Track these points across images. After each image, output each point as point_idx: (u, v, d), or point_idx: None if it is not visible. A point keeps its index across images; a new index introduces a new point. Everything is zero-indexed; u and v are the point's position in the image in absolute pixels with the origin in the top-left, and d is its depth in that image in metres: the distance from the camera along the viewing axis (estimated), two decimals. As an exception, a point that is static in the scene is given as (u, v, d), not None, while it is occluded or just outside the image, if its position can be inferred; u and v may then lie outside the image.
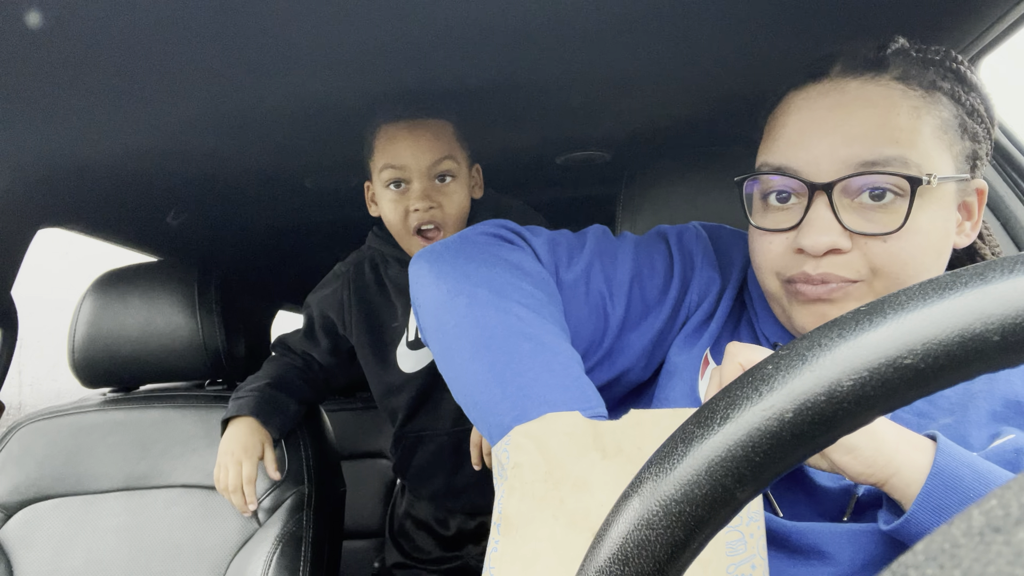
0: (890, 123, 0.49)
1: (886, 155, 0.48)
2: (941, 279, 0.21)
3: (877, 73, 0.51)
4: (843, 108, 0.50)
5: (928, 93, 0.50)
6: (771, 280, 0.55)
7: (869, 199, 0.49)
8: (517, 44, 0.70)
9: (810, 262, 0.50)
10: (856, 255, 0.49)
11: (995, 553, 0.12)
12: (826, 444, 0.22)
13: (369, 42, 0.67)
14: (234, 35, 0.63)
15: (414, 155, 0.91)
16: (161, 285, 1.11)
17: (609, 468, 0.43)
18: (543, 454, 0.45)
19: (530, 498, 0.44)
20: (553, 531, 0.43)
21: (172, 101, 0.78)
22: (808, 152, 0.51)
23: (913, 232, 0.48)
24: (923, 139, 0.49)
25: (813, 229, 0.49)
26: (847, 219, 0.49)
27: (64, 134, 0.85)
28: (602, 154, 1.16)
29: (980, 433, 0.50)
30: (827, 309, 0.51)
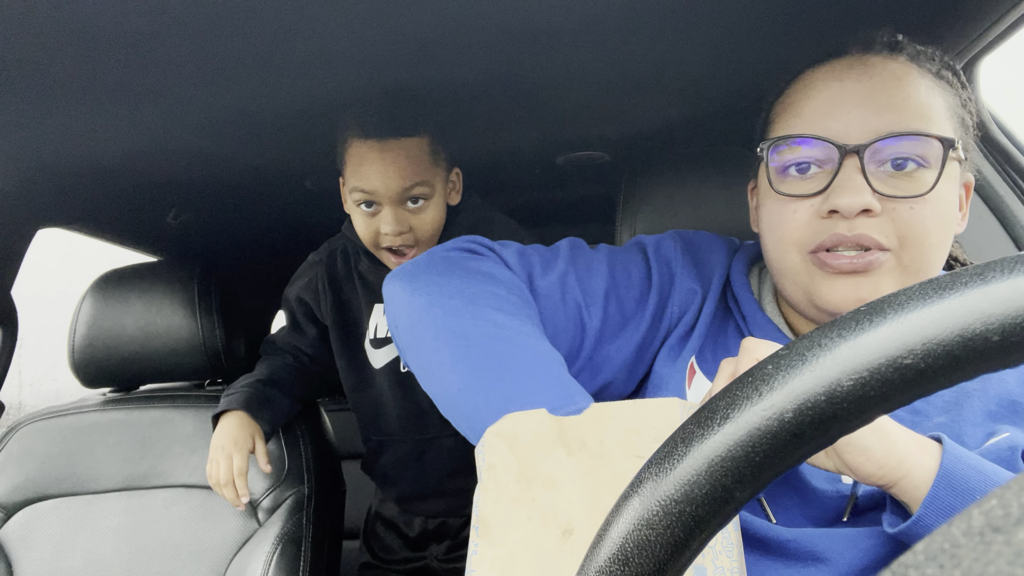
0: (914, 97, 0.50)
1: (914, 127, 0.49)
2: (941, 279, 0.21)
3: (894, 52, 0.53)
4: (871, 80, 0.51)
5: (936, 78, 0.52)
6: (792, 255, 0.53)
7: (892, 168, 0.50)
8: (517, 44, 0.70)
9: (843, 224, 0.50)
10: (885, 220, 0.49)
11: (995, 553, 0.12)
12: (826, 444, 0.22)
13: (369, 42, 0.67)
14: (234, 35, 0.63)
15: (384, 181, 0.86)
16: (161, 285, 1.11)
17: (574, 464, 0.43)
18: (515, 453, 0.45)
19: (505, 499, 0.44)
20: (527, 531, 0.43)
21: (172, 101, 0.78)
22: (838, 121, 0.51)
23: (938, 200, 0.49)
24: (940, 115, 0.50)
25: (846, 189, 0.49)
26: (877, 184, 0.49)
27: (64, 134, 0.85)
28: (602, 154, 1.16)
29: (975, 432, 0.50)
30: (861, 281, 0.50)
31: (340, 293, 1.08)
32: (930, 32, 0.70)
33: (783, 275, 0.55)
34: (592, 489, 0.42)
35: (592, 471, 0.43)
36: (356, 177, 0.87)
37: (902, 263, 0.50)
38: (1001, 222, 0.81)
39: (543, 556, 0.42)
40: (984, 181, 0.82)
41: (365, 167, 0.86)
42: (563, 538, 0.42)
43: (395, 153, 0.85)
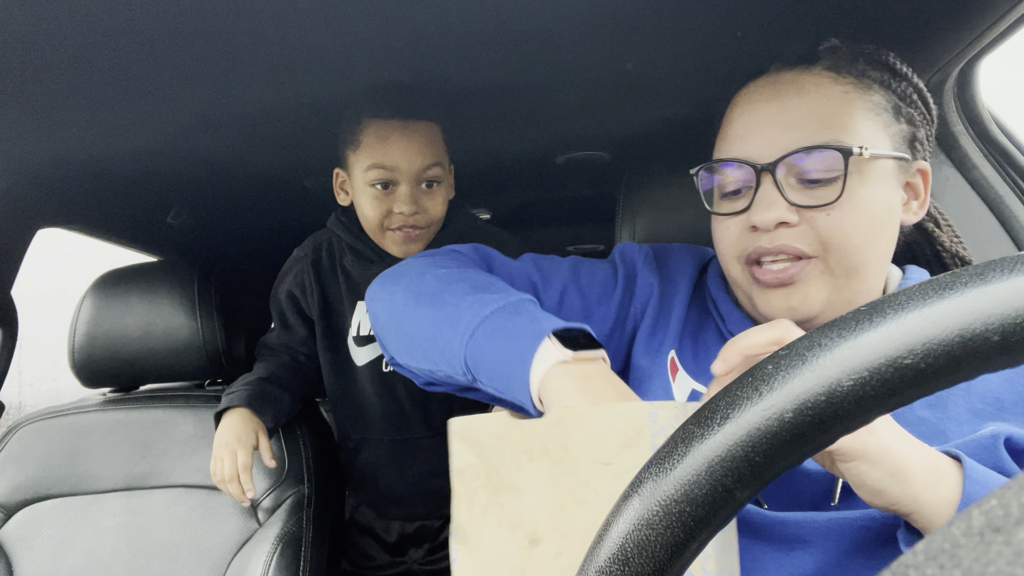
0: (821, 108, 0.53)
1: (821, 138, 0.52)
2: (941, 279, 0.21)
3: (809, 65, 0.56)
4: (779, 99, 0.55)
5: (858, 80, 0.55)
6: (734, 266, 0.58)
7: (812, 179, 0.53)
8: (517, 44, 0.70)
9: (764, 237, 0.54)
10: (805, 228, 0.53)
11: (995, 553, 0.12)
12: (826, 444, 0.22)
13: (369, 43, 0.67)
14: (234, 35, 0.63)
15: (407, 158, 0.88)
16: (161, 285, 1.11)
17: (535, 471, 0.42)
18: (480, 458, 0.44)
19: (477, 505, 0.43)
20: (498, 538, 0.42)
21: (172, 101, 0.78)
22: (752, 143, 0.56)
23: (855, 204, 0.52)
24: (855, 120, 0.53)
25: (761, 205, 0.54)
26: (792, 196, 0.53)
27: (64, 134, 0.85)
28: (602, 154, 1.16)
29: (961, 430, 0.51)
30: (788, 293, 0.54)
31: (325, 288, 1.08)
32: (930, 32, 0.70)
33: (733, 284, 0.60)
34: (555, 496, 0.41)
35: (555, 478, 0.41)
36: (377, 154, 0.88)
37: (829, 267, 0.53)
38: (1001, 222, 0.81)
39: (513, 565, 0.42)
40: (984, 181, 0.82)
41: (389, 144, 0.87)
42: (530, 547, 0.41)
43: (417, 132, 0.88)
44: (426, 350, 0.59)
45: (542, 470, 0.42)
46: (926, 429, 0.51)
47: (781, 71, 0.57)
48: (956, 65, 0.76)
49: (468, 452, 0.45)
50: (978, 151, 0.83)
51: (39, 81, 0.69)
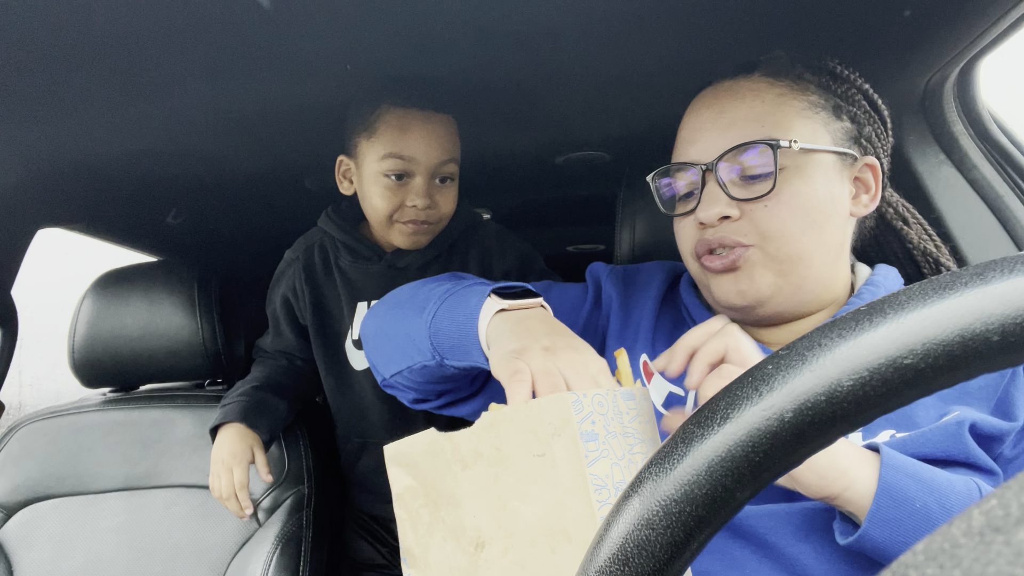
0: (755, 109, 0.58)
1: (755, 136, 0.57)
2: (941, 279, 0.21)
3: (748, 73, 0.61)
4: (718, 104, 0.60)
5: (795, 83, 0.59)
6: (692, 264, 0.63)
7: (751, 174, 0.57)
8: (517, 44, 0.70)
9: (708, 231, 0.58)
10: (745, 222, 0.57)
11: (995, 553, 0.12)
12: (826, 444, 0.22)
13: (369, 43, 0.67)
14: (234, 36, 0.63)
15: (426, 150, 0.85)
16: (161, 285, 1.11)
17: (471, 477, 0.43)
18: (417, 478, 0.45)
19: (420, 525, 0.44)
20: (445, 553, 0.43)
21: (172, 102, 0.78)
22: (696, 147, 0.60)
23: (791, 195, 0.56)
24: (788, 119, 0.57)
25: (705, 202, 0.58)
26: (733, 191, 0.57)
27: (64, 134, 0.85)
28: (602, 154, 1.16)
29: (928, 413, 0.54)
30: (735, 277, 0.58)
31: (318, 290, 1.05)
32: (930, 32, 0.70)
33: (696, 281, 0.64)
34: (495, 497, 0.42)
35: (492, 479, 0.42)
36: (395, 144, 0.85)
37: (769, 254, 0.57)
38: (1001, 222, 0.81)
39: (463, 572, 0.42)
40: (984, 181, 0.82)
41: (408, 134, 0.85)
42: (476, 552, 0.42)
43: (437, 125, 0.87)
44: (402, 345, 0.63)
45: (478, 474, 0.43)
46: (895, 416, 0.54)
47: (723, 80, 0.62)
48: (956, 65, 0.76)
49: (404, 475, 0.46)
50: (978, 151, 0.83)
51: (39, 81, 0.69)
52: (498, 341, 0.51)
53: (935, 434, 0.50)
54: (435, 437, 0.45)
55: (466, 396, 0.70)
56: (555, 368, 0.45)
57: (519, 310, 0.55)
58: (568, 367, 0.45)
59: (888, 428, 0.54)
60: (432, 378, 0.63)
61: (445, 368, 0.59)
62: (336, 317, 1.05)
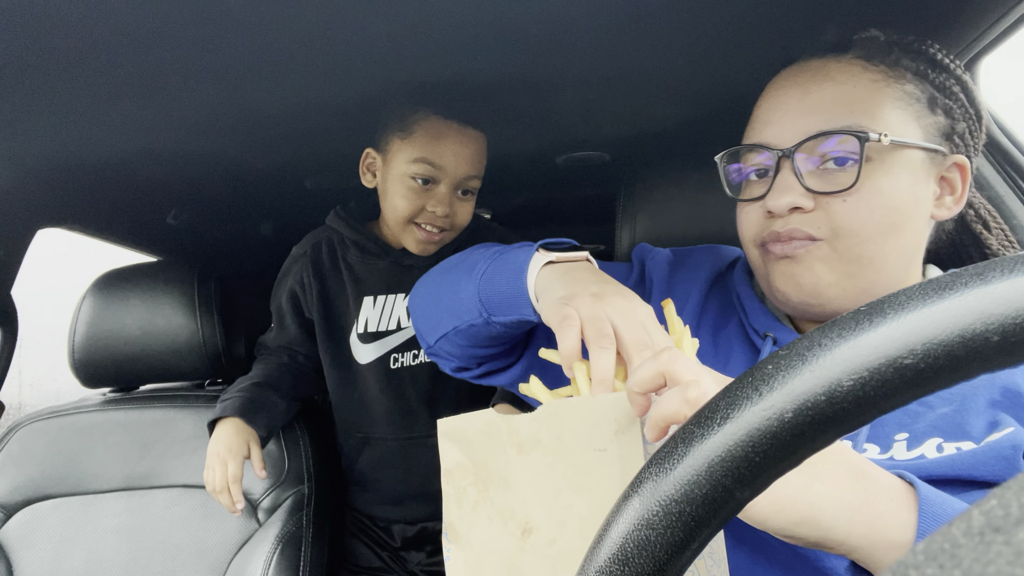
0: (846, 94, 0.53)
1: (842, 123, 0.52)
2: (941, 279, 0.21)
3: (840, 53, 0.55)
4: (803, 84, 0.55)
5: (891, 69, 0.54)
6: (752, 251, 0.59)
7: (833, 164, 0.52)
8: (517, 44, 0.70)
9: (778, 221, 0.54)
10: (819, 214, 0.53)
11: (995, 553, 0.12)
12: (826, 444, 0.22)
13: (369, 43, 0.67)
14: (234, 36, 0.63)
15: (456, 162, 0.89)
16: (161, 285, 1.11)
17: (526, 462, 0.43)
18: (468, 456, 0.45)
19: (466, 503, 0.44)
20: (490, 533, 0.43)
21: (172, 102, 0.78)
22: (774, 128, 0.56)
23: (873, 192, 0.51)
24: (882, 109, 0.52)
25: (776, 190, 0.54)
26: (810, 182, 0.53)
27: (64, 134, 0.85)
28: (602, 154, 1.16)
29: (978, 421, 0.49)
30: (793, 267, 0.54)
31: (325, 285, 1.07)
32: (931, 32, 0.70)
33: (755, 271, 0.60)
34: (549, 486, 0.42)
35: (548, 468, 0.42)
36: (428, 150, 0.88)
37: (837, 251, 0.52)
38: (1001, 222, 0.81)
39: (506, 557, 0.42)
40: (984, 181, 0.82)
41: (442, 143, 0.88)
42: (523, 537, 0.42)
43: (471, 140, 0.90)
44: (450, 306, 0.63)
45: (534, 461, 0.43)
46: (945, 425, 0.49)
47: (810, 59, 0.56)
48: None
49: (456, 451, 0.45)
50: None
51: (40, 81, 0.69)
52: (547, 290, 0.51)
53: (987, 456, 0.45)
54: (493, 418, 0.45)
55: (505, 366, 0.70)
56: (603, 313, 0.45)
57: (567, 262, 0.55)
58: (616, 312, 0.46)
59: (935, 436, 0.49)
60: (477, 341, 0.63)
61: (492, 327, 0.59)
62: (342, 311, 1.06)
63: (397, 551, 1.16)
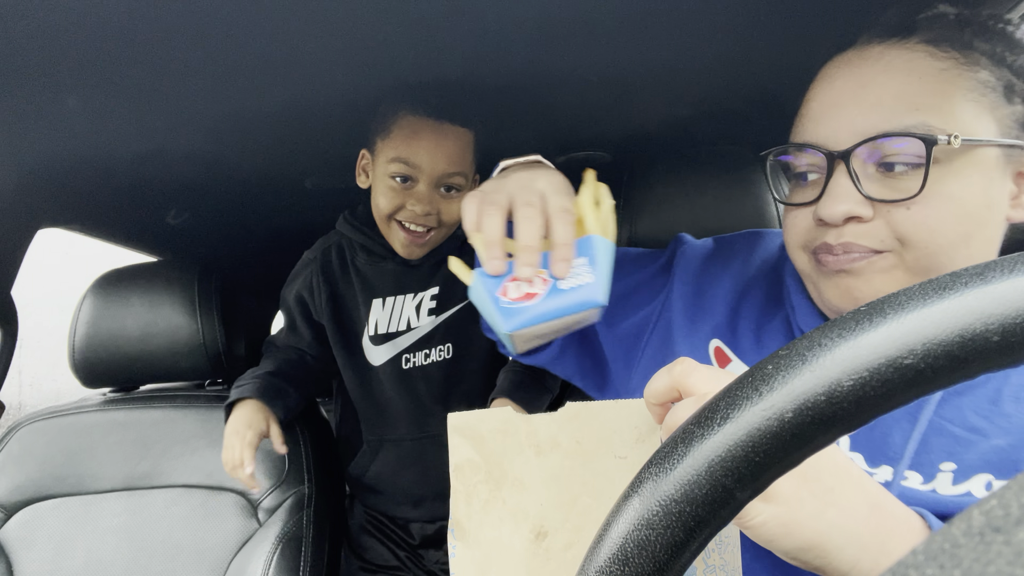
0: (910, 89, 0.46)
1: (905, 123, 0.45)
2: (941, 279, 0.21)
3: (903, 38, 0.48)
4: (861, 76, 0.48)
5: (962, 55, 0.47)
6: (800, 256, 0.53)
7: (894, 167, 0.46)
8: (517, 44, 0.70)
9: (831, 232, 0.49)
10: (880, 224, 0.47)
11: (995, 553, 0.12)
12: (826, 444, 0.22)
13: (369, 43, 0.67)
14: (234, 36, 0.63)
15: (431, 159, 0.88)
16: (161, 285, 1.11)
17: (544, 464, 0.43)
18: (480, 454, 0.44)
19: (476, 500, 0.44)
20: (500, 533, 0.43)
21: (172, 102, 0.78)
22: (827, 126, 0.49)
23: (943, 198, 0.45)
24: (952, 102, 0.45)
25: (830, 197, 0.48)
26: (868, 187, 0.47)
27: (64, 134, 0.85)
28: (602, 154, 1.16)
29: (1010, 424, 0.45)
30: (850, 281, 0.48)
31: (335, 289, 1.07)
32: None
33: (802, 275, 0.55)
34: (567, 490, 0.42)
35: (567, 471, 0.42)
36: (403, 148, 0.88)
37: (906, 264, 0.47)
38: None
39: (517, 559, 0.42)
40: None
41: (416, 141, 0.88)
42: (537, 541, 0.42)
43: (447, 136, 0.88)
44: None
45: (552, 463, 0.43)
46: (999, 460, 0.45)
47: (869, 44, 0.50)
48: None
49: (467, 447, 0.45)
50: None
51: (40, 81, 0.69)
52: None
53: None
54: (510, 416, 0.44)
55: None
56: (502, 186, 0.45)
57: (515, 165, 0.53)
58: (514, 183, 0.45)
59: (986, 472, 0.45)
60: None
61: None
62: (353, 314, 1.07)
63: (415, 549, 1.16)
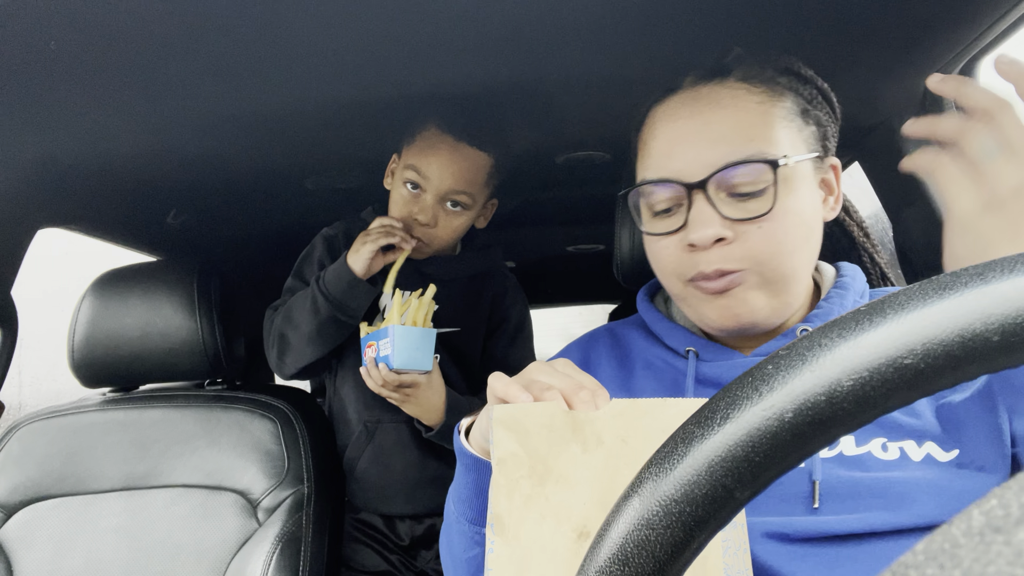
0: (742, 121, 0.55)
1: (746, 152, 0.53)
2: (941, 279, 0.21)
3: (723, 78, 0.57)
4: (700, 115, 0.56)
5: (769, 88, 0.56)
6: (674, 283, 0.59)
7: (742, 192, 0.54)
8: (517, 45, 0.70)
9: (702, 258, 0.55)
10: (738, 244, 0.54)
11: (995, 553, 0.12)
12: (826, 444, 0.22)
13: (369, 44, 0.67)
14: (235, 36, 0.63)
15: (440, 175, 0.93)
16: (161, 285, 1.11)
17: (589, 462, 0.42)
18: (525, 448, 0.43)
19: (518, 496, 0.43)
20: (541, 530, 0.42)
21: (173, 102, 0.78)
22: (679, 161, 0.56)
23: (784, 213, 0.54)
24: (773, 129, 0.55)
25: (698, 223, 0.54)
26: (726, 211, 0.54)
27: (64, 134, 0.85)
28: (602, 154, 1.16)
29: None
30: (727, 301, 0.56)
31: None
32: (930, 32, 0.70)
33: (676, 299, 0.61)
34: (610, 489, 0.41)
35: (612, 470, 0.41)
36: (418, 158, 0.93)
37: (764, 276, 0.55)
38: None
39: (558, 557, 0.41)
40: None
41: (430, 154, 0.92)
42: (579, 540, 0.41)
43: (462, 156, 0.93)
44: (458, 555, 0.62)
45: (597, 460, 0.42)
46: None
47: (697, 85, 0.58)
48: (956, 65, 0.76)
49: (511, 441, 0.44)
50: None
51: (40, 81, 0.69)
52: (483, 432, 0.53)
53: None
54: (555, 411, 0.43)
55: None
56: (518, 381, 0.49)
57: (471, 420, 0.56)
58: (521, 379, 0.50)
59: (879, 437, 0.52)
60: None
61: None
62: None
63: (406, 550, 1.14)
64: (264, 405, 1.10)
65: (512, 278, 1.20)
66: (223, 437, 1.05)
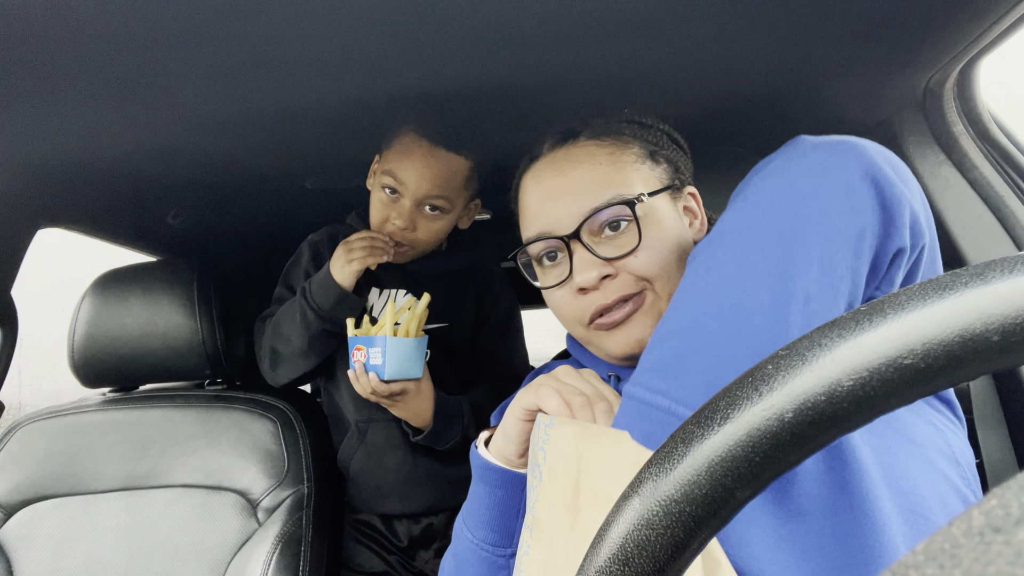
0: (597, 171, 0.62)
1: (605, 197, 0.60)
2: (941, 279, 0.21)
3: (575, 139, 0.66)
4: (562, 173, 0.63)
5: (616, 139, 0.64)
6: (576, 328, 0.64)
7: (610, 231, 0.61)
8: (517, 45, 0.70)
9: (597, 297, 0.60)
10: (623, 277, 0.60)
11: (995, 553, 0.12)
12: (826, 444, 0.22)
13: (369, 44, 0.67)
14: (235, 36, 0.63)
15: (416, 180, 0.93)
16: (161, 285, 1.11)
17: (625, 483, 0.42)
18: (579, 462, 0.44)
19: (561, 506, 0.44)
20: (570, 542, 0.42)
21: (173, 102, 0.78)
22: (550, 216, 0.63)
23: (653, 240, 0.60)
24: (626, 174, 0.62)
25: (580, 269, 0.60)
26: (602, 252, 0.60)
27: (64, 134, 0.85)
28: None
29: None
30: (628, 330, 0.60)
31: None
32: (930, 32, 0.70)
33: (582, 342, 0.66)
34: None
35: None
36: (394, 163, 0.94)
37: (657, 293, 0.60)
38: (1001, 222, 0.81)
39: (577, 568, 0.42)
40: (984, 181, 0.82)
41: (406, 160, 0.93)
42: None
43: (438, 161, 0.93)
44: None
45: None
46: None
47: (555, 149, 0.66)
48: (956, 65, 0.76)
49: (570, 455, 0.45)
50: (978, 151, 0.83)
51: (40, 81, 0.69)
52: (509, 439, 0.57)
53: None
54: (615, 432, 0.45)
55: None
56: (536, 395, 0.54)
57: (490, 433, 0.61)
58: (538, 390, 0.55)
59: None
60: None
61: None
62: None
63: (404, 551, 1.14)
64: (264, 405, 1.10)
65: (499, 272, 1.20)
66: (223, 437, 1.05)
